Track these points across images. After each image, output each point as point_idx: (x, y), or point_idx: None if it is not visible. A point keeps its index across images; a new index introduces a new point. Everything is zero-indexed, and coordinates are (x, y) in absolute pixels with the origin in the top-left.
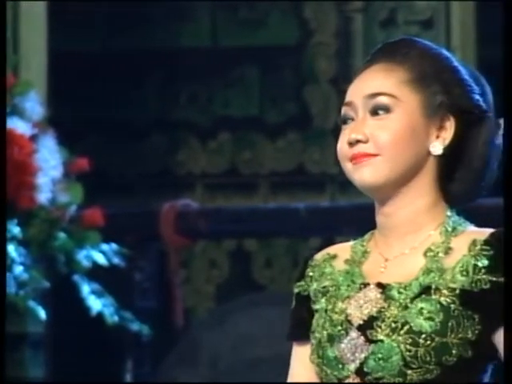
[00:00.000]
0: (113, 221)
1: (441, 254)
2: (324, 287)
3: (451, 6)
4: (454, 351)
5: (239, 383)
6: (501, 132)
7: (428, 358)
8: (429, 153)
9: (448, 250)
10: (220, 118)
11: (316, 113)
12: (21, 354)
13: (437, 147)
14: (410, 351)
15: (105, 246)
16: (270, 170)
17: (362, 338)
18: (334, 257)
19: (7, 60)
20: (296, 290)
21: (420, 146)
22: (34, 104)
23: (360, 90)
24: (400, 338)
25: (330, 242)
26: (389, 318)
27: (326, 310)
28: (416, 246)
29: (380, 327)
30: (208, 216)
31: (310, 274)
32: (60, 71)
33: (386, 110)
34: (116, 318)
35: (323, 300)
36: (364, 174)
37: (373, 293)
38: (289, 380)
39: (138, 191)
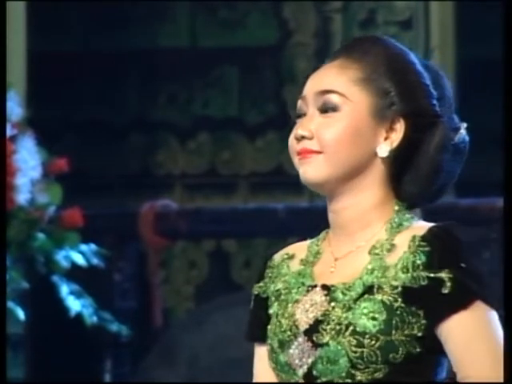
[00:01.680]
0: (92, 221)
1: (384, 252)
2: (277, 290)
3: (430, 7)
4: (400, 348)
5: (217, 383)
6: (460, 135)
7: (374, 358)
8: (376, 153)
9: (391, 248)
10: (199, 118)
11: None
12: None
13: (383, 149)
14: (355, 352)
15: (84, 247)
16: (249, 171)
17: (309, 342)
18: (292, 257)
19: None
20: (255, 292)
21: (366, 147)
22: (13, 105)
23: (313, 85)
24: (345, 340)
25: None
26: (333, 320)
27: (277, 315)
28: (363, 244)
29: (325, 330)
30: (187, 216)
31: (269, 274)
32: (39, 72)
33: (334, 108)
34: (95, 319)
35: (276, 304)
36: (306, 171)
37: (318, 295)
38: (254, 380)
39: (117, 192)
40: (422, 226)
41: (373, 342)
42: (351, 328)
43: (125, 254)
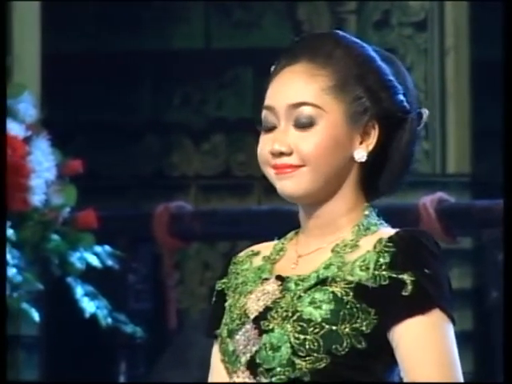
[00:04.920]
0: (106, 223)
1: (346, 250)
2: (236, 284)
3: (445, 7)
4: (345, 341)
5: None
6: (423, 121)
7: (316, 347)
8: (352, 158)
9: (354, 248)
10: (213, 119)
11: None
12: (14, 356)
13: (361, 154)
14: (298, 339)
15: (98, 248)
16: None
17: (256, 330)
18: (257, 254)
19: None
20: (218, 288)
21: (344, 154)
22: (27, 106)
23: (282, 96)
24: (289, 327)
25: None
26: (282, 307)
27: (230, 306)
28: (329, 244)
29: (273, 317)
30: (202, 218)
31: (233, 270)
32: (53, 73)
33: (310, 120)
34: (109, 320)
35: (231, 296)
36: (286, 186)
37: (271, 286)
38: (209, 374)
39: (131, 193)
40: (389, 231)
41: (316, 330)
42: (297, 315)
43: (139, 256)
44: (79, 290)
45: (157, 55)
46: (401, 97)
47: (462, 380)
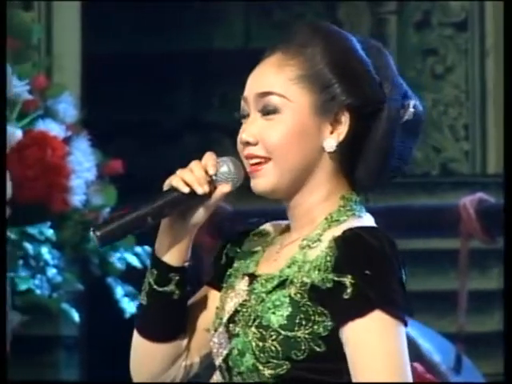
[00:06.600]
0: None
1: (310, 246)
2: (230, 269)
3: (485, 8)
4: (303, 346)
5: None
6: (409, 112)
7: (275, 353)
8: (323, 149)
9: (317, 242)
10: None
11: None
12: (55, 356)
13: (330, 144)
14: (258, 346)
15: (138, 249)
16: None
17: (226, 333)
18: (265, 235)
19: (41, 62)
20: (224, 250)
21: (312, 144)
22: (67, 106)
23: (253, 86)
24: (251, 333)
25: None
26: (247, 311)
27: (220, 297)
28: (302, 237)
29: (240, 321)
30: (241, 217)
31: (243, 246)
32: (93, 73)
33: (275, 110)
34: None
35: (226, 283)
36: (257, 183)
37: (243, 285)
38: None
39: None
40: (351, 224)
41: (274, 337)
42: (258, 321)
43: None
44: (119, 291)
45: (196, 55)
46: (375, 86)
47: (409, 380)
